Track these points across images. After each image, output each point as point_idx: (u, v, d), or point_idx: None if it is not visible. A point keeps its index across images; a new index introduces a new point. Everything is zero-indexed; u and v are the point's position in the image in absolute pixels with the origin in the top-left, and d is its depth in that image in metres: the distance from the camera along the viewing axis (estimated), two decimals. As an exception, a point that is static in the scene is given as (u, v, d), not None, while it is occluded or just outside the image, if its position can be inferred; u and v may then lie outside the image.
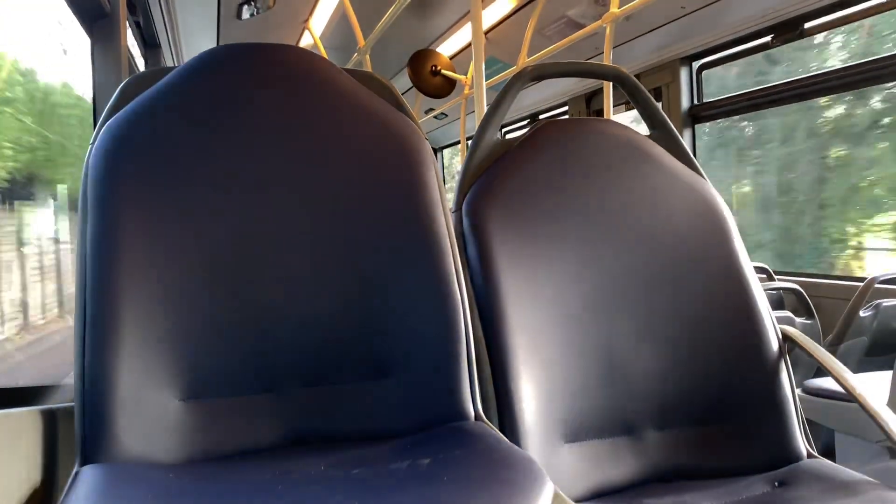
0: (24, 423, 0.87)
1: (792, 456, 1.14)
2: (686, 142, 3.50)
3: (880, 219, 3.28)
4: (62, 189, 1.92)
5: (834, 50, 3.24)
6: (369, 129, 1.06)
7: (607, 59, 3.00)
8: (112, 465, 0.83)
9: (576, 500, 1.05)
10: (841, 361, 1.13)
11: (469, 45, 2.69)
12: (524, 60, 3.68)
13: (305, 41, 4.61)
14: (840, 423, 1.76)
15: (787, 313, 2.40)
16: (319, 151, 1.03)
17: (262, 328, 0.96)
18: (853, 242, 3.34)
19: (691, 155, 1.34)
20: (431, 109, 5.62)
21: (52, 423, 0.94)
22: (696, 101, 3.51)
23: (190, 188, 0.96)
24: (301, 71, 1.07)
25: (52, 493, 0.92)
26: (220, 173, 0.98)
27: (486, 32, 4.10)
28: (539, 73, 1.34)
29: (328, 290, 0.99)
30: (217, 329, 0.94)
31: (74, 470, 0.83)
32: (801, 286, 2.50)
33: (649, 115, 1.36)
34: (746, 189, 4.11)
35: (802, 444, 1.15)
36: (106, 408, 0.86)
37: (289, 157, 1.01)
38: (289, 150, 1.02)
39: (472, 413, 0.98)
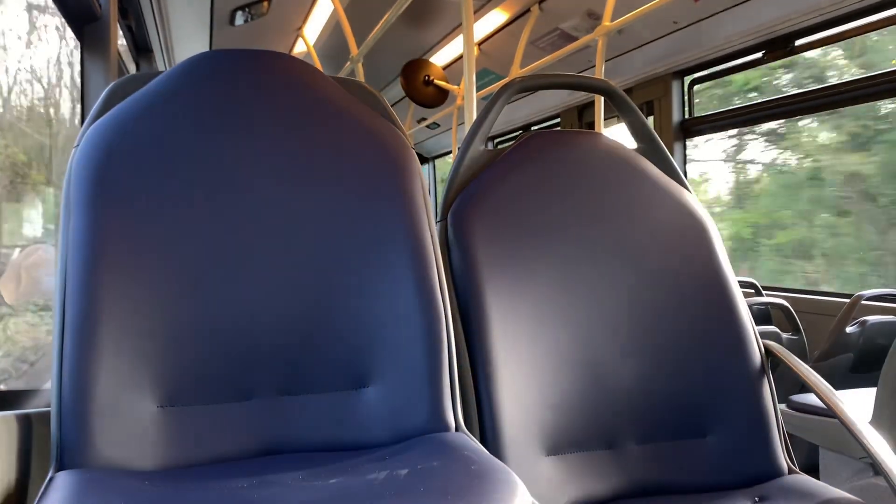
0: None
1: (773, 471, 1.14)
2: (678, 156, 3.53)
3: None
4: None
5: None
6: (355, 138, 1.05)
7: (599, 73, 3.01)
8: (87, 472, 0.82)
9: None
10: (827, 377, 1.13)
11: (462, 55, 2.70)
12: (516, 72, 3.69)
13: (299, 49, 4.62)
14: (824, 440, 1.76)
15: (774, 328, 2.40)
16: (304, 159, 1.02)
17: (241, 336, 0.95)
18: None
19: (678, 169, 1.34)
20: (424, 119, 5.63)
21: (27, 428, 0.93)
22: (687, 116, 3.53)
23: (172, 193, 0.96)
24: (288, 78, 1.06)
25: (26, 499, 0.90)
26: (203, 179, 0.98)
27: (480, 44, 4.11)
28: (527, 85, 1.34)
29: (308, 298, 0.98)
30: (195, 336, 0.93)
31: (49, 476, 0.82)
32: (788, 301, 2.51)
33: (637, 129, 1.36)
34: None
35: (784, 460, 1.15)
36: (83, 413, 0.85)
37: (272, 165, 1.01)
38: (272, 158, 1.01)
39: (453, 424, 0.98)
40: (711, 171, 3.89)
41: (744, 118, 3.20)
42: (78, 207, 0.93)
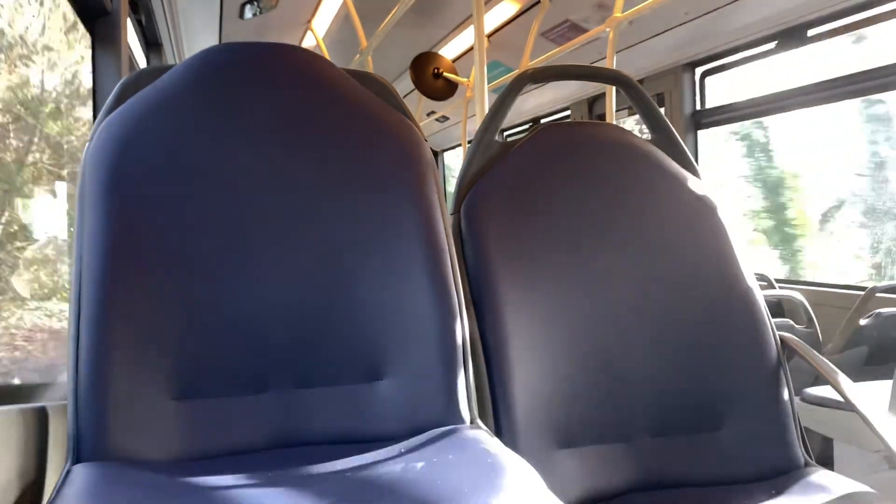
0: (16, 421, 0.87)
1: (789, 464, 1.13)
2: (689, 147, 3.50)
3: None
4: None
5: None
6: (369, 131, 1.05)
7: (610, 64, 2.99)
8: (103, 464, 0.82)
9: None
10: (841, 370, 1.12)
11: (472, 47, 2.69)
12: (526, 64, 3.68)
13: (308, 42, 4.61)
14: (838, 433, 1.75)
15: (787, 321, 2.39)
16: (317, 151, 1.02)
17: (256, 328, 0.95)
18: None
19: (692, 160, 1.33)
20: (433, 112, 5.62)
21: (43, 422, 0.93)
22: (698, 108, 3.50)
23: (186, 187, 0.96)
24: (300, 70, 1.06)
25: (43, 491, 0.91)
26: (216, 172, 0.98)
27: (489, 36, 4.10)
28: (539, 76, 1.33)
29: (321, 291, 0.98)
30: (210, 329, 0.93)
31: (66, 468, 0.83)
32: (801, 294, 2.50)
33: (650, 120, 1.35)
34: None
35: (800, 453, 1.15)
36: (99, 406, 0.85)
37: (286, 157, 1.01)
38: (286, 150, 1.01)
39: (468, 417, 0.98)
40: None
41: (756, 109, 3.18)
42: (92, 201, 0.93)
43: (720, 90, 3.38)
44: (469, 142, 1.30)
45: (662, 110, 3.58)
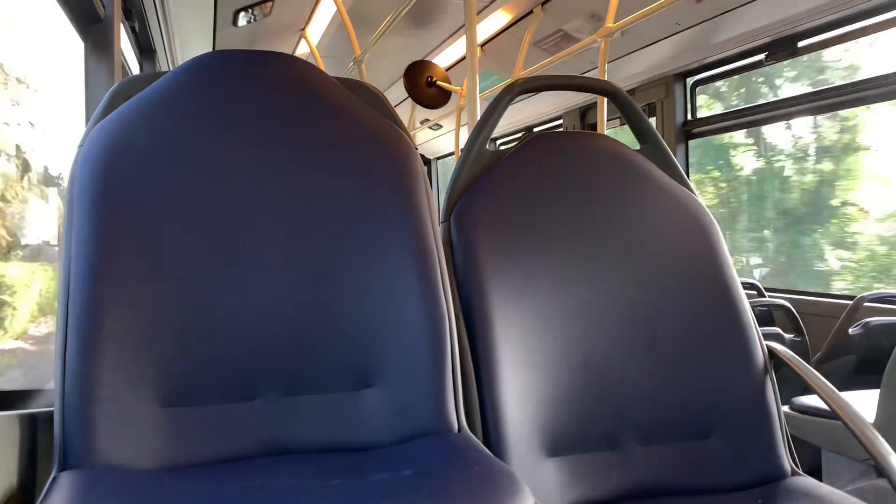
0: (4, 428, 0.87)
1: (777, 473, 1.14)
2: (680, 157, 3.52)
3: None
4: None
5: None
6: (358, 138, 1.06)
7: (602, 74, 3.01)
8: (90, 471, 0.82)
9: None
10: (829, 379, 1.13)
11: (465, 56, 2.70)
12: (519, 73, 3.69)
13: (302, 50, 4.62)
14: (827, 441, 1.76)
15: (776, 330, 2.40)
16: (306, 160, 1.03)
17: (244, 336, 0.96)
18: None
19: (681, 170, 1.34)
20: (427, 120, 5.63)
21: (31, 429, 0.93)
22: (689, 118, 3.52)
23: (175, 194, 0.96)
24: (291, 78, 1.07)
25: (30, 499, 0.91)
26: (206, 179, 0.98)
27: (483, 45, 4.11)
28: (530, 86, 1.34)
29: (311, 298, 0.99)
30: (198, 336, 0.93)
31: (52, 475, 0.83)
32: (790, 303, 2.51)
33: (640, 130, 1.36)
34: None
35: (787, 462, 1.15)
36: (86, 413, 0.85)
37: (275, 165, 1.01)
38: (275, 158, 1.01)
39: (456, 425, 0.98)
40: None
41: (746, 120, 3.20)
42: (81, 207, 0.93)
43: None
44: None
45: (654, 120, 3.60)
